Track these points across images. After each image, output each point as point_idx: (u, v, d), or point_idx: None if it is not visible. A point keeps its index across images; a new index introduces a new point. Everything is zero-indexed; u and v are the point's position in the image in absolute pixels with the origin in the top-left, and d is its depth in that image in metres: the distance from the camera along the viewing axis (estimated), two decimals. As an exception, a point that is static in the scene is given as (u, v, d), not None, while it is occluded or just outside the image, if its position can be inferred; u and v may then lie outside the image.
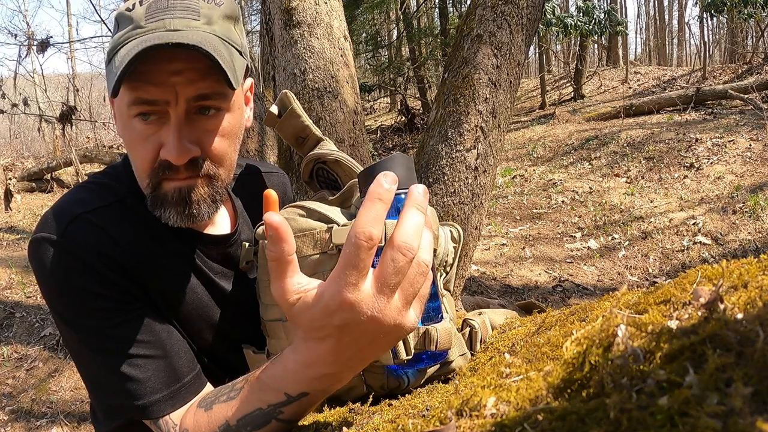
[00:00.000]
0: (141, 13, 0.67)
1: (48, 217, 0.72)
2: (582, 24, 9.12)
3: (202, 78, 0.67)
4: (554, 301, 3.96)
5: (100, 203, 0.74)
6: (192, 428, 0.67)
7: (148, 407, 0.69)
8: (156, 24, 0.66)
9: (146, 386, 0.70)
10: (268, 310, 0.73)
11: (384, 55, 11.82)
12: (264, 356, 0.76)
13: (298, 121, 0.85)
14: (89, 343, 0.70)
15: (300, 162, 2.03)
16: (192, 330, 0.80)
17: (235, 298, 0.85)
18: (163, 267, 0.76)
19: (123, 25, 0.68)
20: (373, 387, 0.70)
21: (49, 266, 0.69)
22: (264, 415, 0.60)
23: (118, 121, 0.72)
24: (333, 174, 0.84)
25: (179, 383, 0.72)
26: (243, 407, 0.62)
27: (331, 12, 2.02)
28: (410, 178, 0.60)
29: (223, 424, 0.63)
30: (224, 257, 0.84)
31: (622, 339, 0.33)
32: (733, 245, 4.38)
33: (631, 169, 6.38)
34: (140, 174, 0.73)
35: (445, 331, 0.66)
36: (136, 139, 0.70)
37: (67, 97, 11.58)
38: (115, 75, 0.62)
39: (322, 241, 0.67)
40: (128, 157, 0.79)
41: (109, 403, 0.71)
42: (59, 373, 3.28)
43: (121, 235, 0.73)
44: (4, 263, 4.58)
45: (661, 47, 22.25)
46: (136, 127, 0.69)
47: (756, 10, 9.35)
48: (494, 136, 1.86)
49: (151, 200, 0.73)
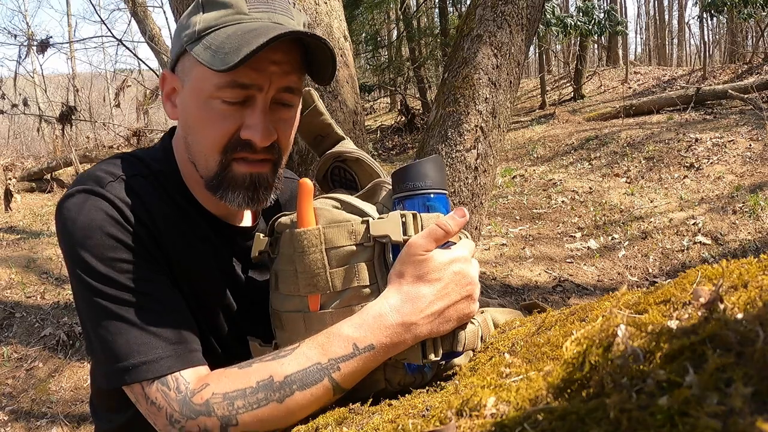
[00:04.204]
0: (241, 1, 0.72)
1: (87, 176, 0.74)
2: (582, 24, 9.12)
3: (294, 72, 0.73)
4: (554, 301, 3.96)
5: (137, 171, 0.76)
6: (215, 382, 0.65)
7: (156, 362, 0.67)
8: (261, 15, 0.72)
9: (155, 340, 0.68)
10: (287, 300, 0.72)
11: (384, 55, 11.81)
12: (270, 350, 0.75)
13: (321, 119, 0.85)
14: (104, 292, 0.68)
15: (300, 163, 2.03)
16: (206, 313, 0.81)
17: (252, 289, 0.86)
18: (188, 246, 0.77)
19: (214, 8, 0.72)
20: (392, 383, 0.70)
21: (83, 213, 0.69)
22: (320, 371, 0.62)
23: (192, 99, 0.74)
24: (351, 173, 0.85)
25: (189, 346, 0.71)
26: (298, 362, 0.63)
27: (331, 12, 2.02)
28: (442, 179, 0.72)
29: (264, 379, 0.63)
30: (245, 249, 0.85)
31: (622, 339, 0.33)
32: (733, 245, 4.38)
33: (631, 169, 6.38)
34: (209, 151, 0.74)
35: (472, 333, 0.70)
36: (214, 117, 0.72)
37: (66, 97, 11.58)
38: (224, 53, 0.66)
39: (357, 233, 0.68)
40: (170, 142, 0.83)
41: (114, 363, 0.67)
42: (59, 373, 3.28)
43: (155, 206, 0.75)
44: (4, 263, 4.58)
45: (661, 47, 22.25)
46: (216, 107, 0.71)
47: (756, 10, 9.35)
48: (494, 136, 1.86)
49: (217, 181, 0.75)
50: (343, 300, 0.68)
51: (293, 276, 0.70)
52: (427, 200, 0.69)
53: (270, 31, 0.66)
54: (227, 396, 0.63)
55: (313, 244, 0.68)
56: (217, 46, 0.68)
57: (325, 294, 0.68)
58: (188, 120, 0.75)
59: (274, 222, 0.76)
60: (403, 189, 0.70)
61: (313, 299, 0.69)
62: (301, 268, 0.68)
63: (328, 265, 0.67)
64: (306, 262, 0.68)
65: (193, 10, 0.74)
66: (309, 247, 0.68)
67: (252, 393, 0.62)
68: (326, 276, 0.67)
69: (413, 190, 0.69)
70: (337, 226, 0.68)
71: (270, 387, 0.62)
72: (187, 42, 0.72)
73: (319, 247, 0.68)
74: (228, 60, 0.65)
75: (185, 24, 0.75)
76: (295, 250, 0.69)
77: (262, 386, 0.62)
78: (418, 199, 0.69)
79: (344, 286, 0.67)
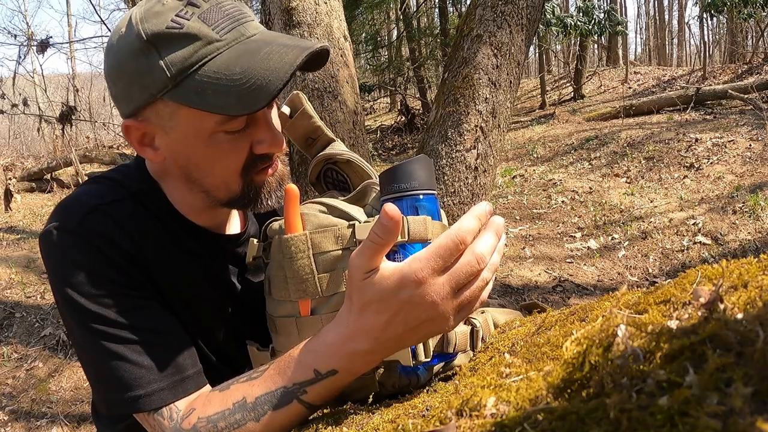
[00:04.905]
0: (201, 27, 0.64)
1: (63, 208, 0.72)
2: (582, 24, 9.12)
3: None
4: (554, 301, 3.96)
5: (115, 196, 0.75)
6: (200, 406, 0.67)
7: (151, 395, 0.69)
8: (232, 34, 0.66)
9: (150, 374, 0.69)
10: (279, 306, 0.72)
11: (384, 55, 11.81)
12: (267, 354, 0.76)
13: (310, 122, 0.85)
14: (96, 330, 0.69)
15: (300, 162, 2.03)
16: (202, 326, 0.81)
17: (245, 296, 0.86)
18: (175, 263, 0.77)
19: (177, 45, 0.64)
20: (385, 386, 0.70)
21: (64, 253, 0.70)
22: (287, 393, 0.61)
23: (191, 140, 0.69)
24: (342, 175, 0.84)
25: (183, 374, 0.72)
26: (266, 384, 0.63)
27: (331, 12, 2.02)
28: (431, 179, 0.69)
29: (239, 400, 0.63)
30: (235, 256, 0.85)
31: (622, 339, 0.33)
32: (733, 245, 4.38)
33: (631, 169, 6.38)
34: (229, 179, 0.73)
35: (463, 334, 0.70)
36: (223, 150, 0.70)
37: (67, 97, 11.57)
38: (237, 96, 0.63)
39: (344, 237, 0.68)
40: (143, 160, 0.80)
41: (113, 396, 0.70)
42: (59, 373, 3.28)
43: (136, 229, 0.73)
44: (4, 263, 4.58)
45: (661, 47, 22.25)
46: (222, 139, 0.69)
47: (756, 10, 9.35)
48: (494, 136, 1.86)
49: (246, 199, 0.75)
50: (333, 304, 0.67)
51: (284, 281, 0.70)
52: (415, 201, 0.67)
53: (272, 57, 0.64)
54: (210, 419, 0.65)
55: (301, 249, 0.68)
56: (219, 89, 0.63)
57: (314, 299, 0.68)
58: (191, 159, 0.72)
59: (266, 227, 0.77)
60: (391, 191, 0.68)
61: (304, 304, 0.69)
62: (290, 274, 0.68)
63: (316, 270, 0.67)
64: (294, 268, 0.68)
65: (141, 51, 0.65)
66: (297, 253, 0.68)
67: (230, 414, 0.64)
68: (315, 281, 0.67)
69: (401, 191, 0.67)
70: (324, 231, 0.68)
71: (245, 408, 0.63)
72: (161, 91, 0.65)
73: (307, 252, 0.67)
74: (249, 103, 0.63)
75: (138, 69, 0.66)
76: (284, 256, 0.69)
77: (238, 407, 0.63)
78: (406, 200, 0.67)
79: (333, 290, 0.67)
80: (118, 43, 0.67)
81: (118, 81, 0.69)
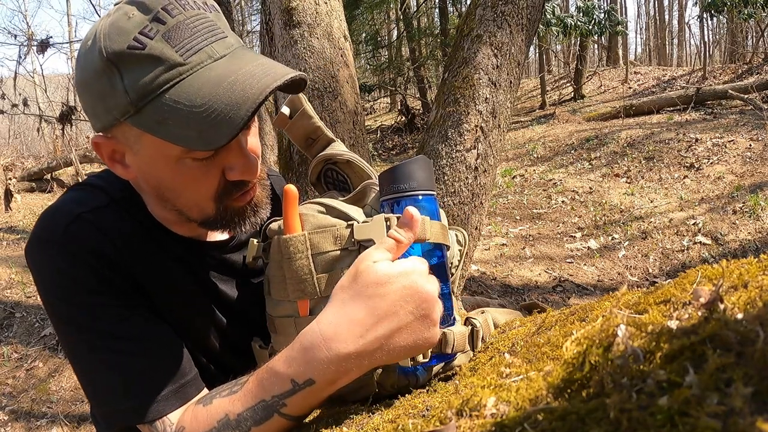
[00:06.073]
0: (164, 49, 0.60)
1: (46, 219, 0.71)
2: (582, 24, 9.12)
3: None
4: (554, 301, 3.96)
5: (98, 203, 0.74)
6: (189, 424, 0.67)
7: (146, 408, 0.68)
8: (199, 56, 0.61)
9: (143, 386, 0.69)
10: (279, 306, 0.72)
11: (384, 55, 11.81)
12: (267, 352, 0.76)
13: (310, 122, 0.84)
14: (88, 342, 0.69)
15: (300, 162, 2.03)
16: (194, 333, 0.80)
17: (235, 301, 0.85)
18: (161, 269, 0.76)
19: (138, 67, 0.60)
20: (384, 386, 0.70)
21: (49, 266, 0.69)
22: (266, 407, 0.60)
23: (157, 164, 0.67)
24: (342, 175, 0.84)
25: (176, 384, 0.71)
26: (245, 400, 0.62)
27: (331, 12, 2.02)
28: (430, 180, 0.69)
29: (222, 418, 0.63)
30: (222, 262, 0.84)
31: (622, 339, 0.33)
32: (733, 245, 4.38)
33: (631, 169, 6.38)
34: (202, 203, 0.70)
35: (461, 334, 0.70)
36: (193, 175, 0.67)
37: (67, 97, 11.57)
38: (199, 130, 0.59)
39: (342, 237, 0.68)
40: None
41: (108, 408, 0.70)
42: (59, 373, 3.28)
43: (119, 236, 0.72)
44: (4, 263, 4.58)
45: (661, 47, 22.25)
46: (190, 164, 0.66)
47: (756, 10, 9.34)
48: (494, 136, 1.86)
49: (220, 222, 0.72)
50: None
51: (282, 282, 0.70)
52: (415, 202, 0.67)
53: (235, 88, 0.59)
54: None
55: (300, 250, 0.68)
56: (180, 119, 0.60)
57: (313, 299, 0.68)
58: (161, 182, 0.69)
59: (265, 227, 0.76)
60: (390, 191, 0.68)
61: (303, 304, 0.69)
62: (289, 274, 0.69)
63: (314, 270, 0.67)
64: (293, 268, 0.68)
65: (103, 72, 0.61)
66: (295, 254, 0.68)
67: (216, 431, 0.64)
68: (313, 281, 0.67)
69: (400, 192, 0.67)
70: (323, 232, 0.68)
71: (228, 425, 0.62)
72: (123, 115, 0.63)
73: (305, 253, 0.67)
74: (210, 139, 0.59)
75: (101, 90, 0.63)
76: (283, 257, 0.69)
77: (222, 425, 0.63)
78: (405, 201, 0.68)
79: (331, 291, 0.67)
80: (84, 58, 0.64)
81: (85, 96, 0.67)
